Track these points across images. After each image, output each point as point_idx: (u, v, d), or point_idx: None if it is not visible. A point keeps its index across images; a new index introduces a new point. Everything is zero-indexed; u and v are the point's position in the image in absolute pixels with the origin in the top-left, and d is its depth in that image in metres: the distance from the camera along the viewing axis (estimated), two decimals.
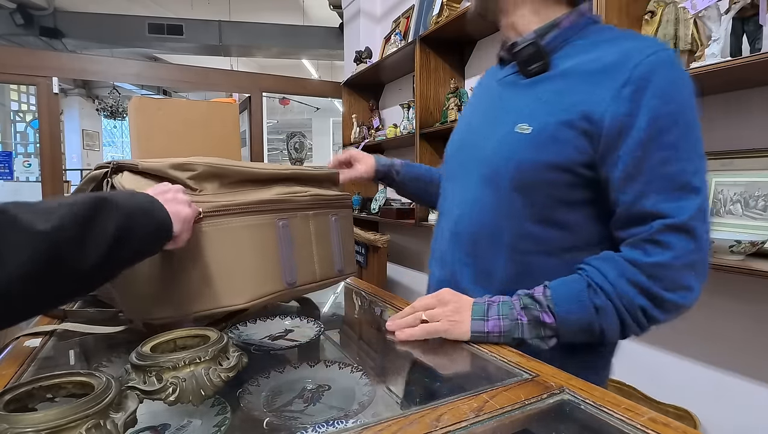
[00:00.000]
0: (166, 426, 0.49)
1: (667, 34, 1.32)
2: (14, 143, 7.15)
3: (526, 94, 0.71)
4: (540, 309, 0.64)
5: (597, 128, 0.62)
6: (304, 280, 0.71)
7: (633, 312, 0.62)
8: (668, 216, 0.60)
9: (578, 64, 0.66)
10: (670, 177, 0.60)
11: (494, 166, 0.70)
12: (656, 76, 0.60)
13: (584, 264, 0.65)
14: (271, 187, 0.69)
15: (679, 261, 0.60)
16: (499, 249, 0.71)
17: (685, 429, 0.41)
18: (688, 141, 0.61)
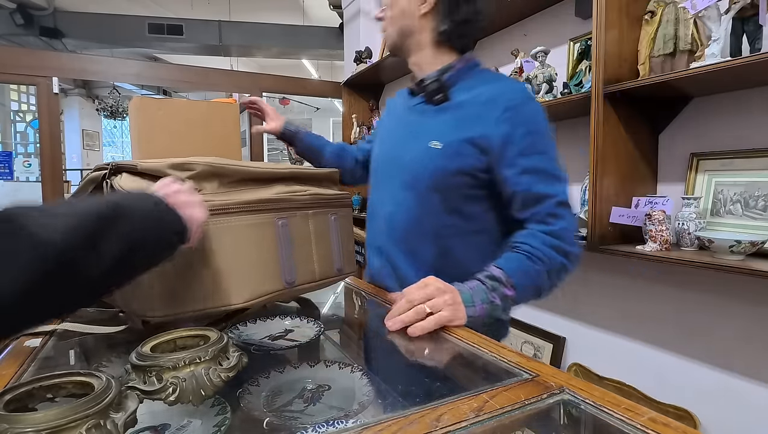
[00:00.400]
0: (166, 426, 0.49)
1: (667, 34, 1.32)
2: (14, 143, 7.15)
3: (433, 118, 0.95)
4: (503, 286, 0.80)
5: (489, 143, 0.87)
6: (303, 280, 0.71)
7: (557, 267, 0.85)
8: (555, 195, 0.86)
9: (470, 97, 0.91)
10: (546, 170, 0.88)
11: (415, 174, 0.93)
12: (523, 106, 0.88)
13: (516, 243, 0.86)
14: (270, 186, 0.69)
15: (570, 224, 0.87)
16: (425, 236, 0.94)
17: (685, 429, 0.41)
18: (550, 148, 0.90)
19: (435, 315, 0.71)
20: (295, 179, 0.75)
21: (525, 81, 1.75)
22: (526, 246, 0.84)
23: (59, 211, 0.40)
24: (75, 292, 0.41)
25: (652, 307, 1.55)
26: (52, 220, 0.38)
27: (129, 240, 0.44)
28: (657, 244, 1.29)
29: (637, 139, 1.47)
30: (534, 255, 0.83)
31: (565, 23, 1.83)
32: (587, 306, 1.79)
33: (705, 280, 1.40)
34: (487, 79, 0.94)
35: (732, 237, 1.16)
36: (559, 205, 0.86)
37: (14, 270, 0.35)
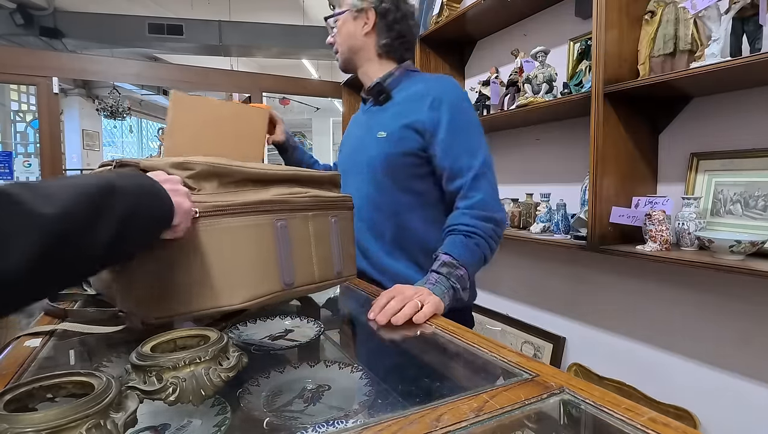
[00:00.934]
0: (166, 426, 0.49)
1: (667, 34, 1.32)
2: (14, 143, 7.15)
3: (380, 115, 1.15)
4: (456, 269, 0.93)
5: (422, 127, 1.05)
6: (302, 281, 0.70)
7: (490, 235, 1.00)
8: (471, 168, 1.01)
9: (407, 94, 1.12)
10: (467, 147, 1.03)
11: (370, 163, 1.11)
12: (448, 95, 1.06)
13: (451, 226, 1.00)
14: (270, 188, 0.69)
15: (488, 194, 1.01)
16: (386, 216, 1.10)
17: (685, 429, 0.41)
18: (472, 128, 1.05)
19: (427, 305, 0.80)
20: (296, 181, 0.75)
21: (525, 81, 1.75)
22: (461, 226, 0.98)
23: (56, 186, 0.40)
24: (76, 266, 0.41)
25: (652, 307, 1.55)
26: (50, 196, 0.38)
27: (125, 213, 0.44)
28: (657, 244, 1.29)
29: (637, 139, 1.47)
30: (469, 232, 0.98)
31: (565, 23, 1.83)
32: (587, 306, 1.79)
33: (705, 280, 1.40)
34: (420, 79, 1.15)
35: (732, 237, 1.16)
36: (475, 179, 1.01)
37: (15, 246, 0.34)
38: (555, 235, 1.68)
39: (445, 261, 0.94)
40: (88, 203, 0.41)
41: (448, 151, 1.03)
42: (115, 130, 10.17)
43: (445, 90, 1.07)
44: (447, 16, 2.17)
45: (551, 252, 1.94)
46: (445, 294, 0.89)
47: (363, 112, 1.24)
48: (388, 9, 1.13)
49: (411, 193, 1.09)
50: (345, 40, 1.17)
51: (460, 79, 2.46)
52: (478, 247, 0.98)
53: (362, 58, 1.17)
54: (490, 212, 1.00)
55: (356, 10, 1.14)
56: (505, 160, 2.18)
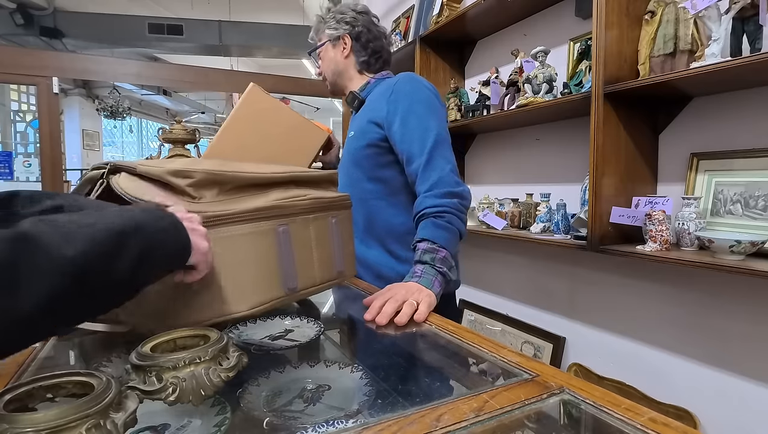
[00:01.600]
0: (166, 426, 0.49)
1: (667, 34, 1.32)
2: (14, 143, 7.15)
3: (357, 119, 1.29)
4: (435, 253, 0.96)
5: (381, 120, 1.15)
6: (304, 285, 0.71)
7: (458, 208, 1.02)
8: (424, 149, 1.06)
9: (374, 95, 1.25)
10: (419, 130, 1.09)
11: (345, 158, 1.27)
12: (404, 85, 1.16)
13: (419, 212, 1.04)
14: (269, 193, 0.69)
15: (444, 171, 1.05)
16: (357, 205, 1.06)
17: (685, 429, 0.41)
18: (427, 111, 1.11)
19: (421, 303, 0.82)
20: (295, 183, 0.75)
21: (525, 81, 1.75)
22: (427, 210, 1.02)
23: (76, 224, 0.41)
24: (91, 306, 0.42)
25: (652, 307, 1.55)
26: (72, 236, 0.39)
27: (143, 251, 0.44)
28: (657, 244, 1.29)
29: (637, 139, 1.47)
30: (437, 213, 1.01)
31: (565, 23, 1.83)
32: (587, 306, 1.79)
33: (705, 280, 1.40)
34: (389, 81, 1.24)
35: (732, 237, 1.16)
36: (430, 159, 1.06)
37: (33, 288, 0.35)
38: (555, 235, 1.68)
39: (424, 248, 0.97)
40: (109, 243, 0.41)
41: (403, 136, 1.10)
42: (115, 130, 10.17)
43: (401, 82, 1.16)
44: (447, 16, 2.17)
45: (551, 252, 1.94)
46: (434, 281, 0.91)
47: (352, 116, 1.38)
48: (360, 32, 1.29)
49: (377, 182, 1.18)
50: (328, 66, 1.32)
51: (460, 79, 2.46)
52: (451, 225, 1.01)
53: (345, 78, 1.32)
54: (450, 187, 1.04)
55: (334, 39, 1.29)
56: (505, 160, 2.18)
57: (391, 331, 0.77)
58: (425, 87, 1.17)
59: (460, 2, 2.24)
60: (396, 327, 0.77)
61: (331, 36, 1.30)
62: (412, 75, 1.21)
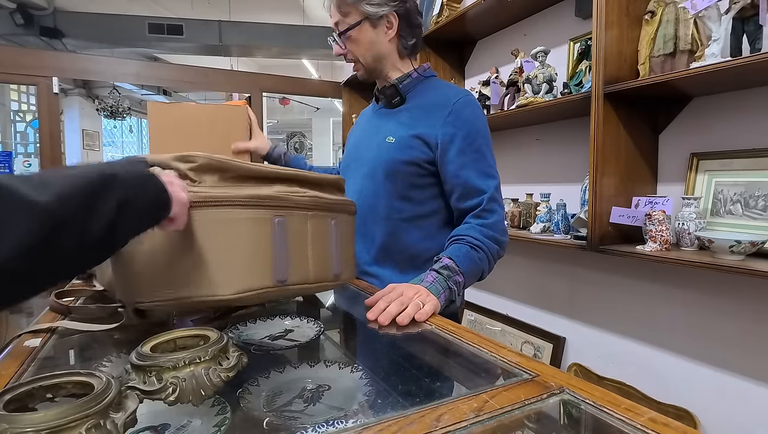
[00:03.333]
0: (166, 426, 0.49)
1: (667, 34, 1.32)
2: (14, 143, 7.15)
3: (391, 118, 1.13)
4: (455, 274, 0.94)
5: (434, 140, 1.04)
6: (296, 280, 0.70)
7: (494, 255, 1.02)
8: (487, 190, 1.02)
9: (421, 101, 1.10)
10: (482, 168, 1.03)
11: (372, 164, 1.10)
12: (464, 110, 1.04)
13: (460, 235, 1.01)
14: (270, 185, 0.69)
15: (500, 217, 1.04)
16: (378, 220, 1.08)
17: (685, 429, 0.41)
18: (486, 149, 1.05)
19: (427, 304, 0.82)
20: (297, 181, 0.75)
21: (525, 81, 1.75)
22: (469, 238, 0.99)
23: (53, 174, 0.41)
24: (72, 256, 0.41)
25: (652, 307, 1.55)
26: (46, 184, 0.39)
27: (123, 200, 0.44)
28: (657, 244, 1.29)
29: (637, 139, 1.47)
30: (476, 246, 0.99)
31: (565, 23, 1.84)
32: (587, 306, 1.79)
33: (705, 280, 1.40)
34: (437, 86, 1.13)
35: (732, 237, 1.16)
36: (491, 201, 1.02)
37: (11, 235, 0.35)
38: (555, 235, 1.68)
39: (447, 264, 0.95)
40: (85, 189, 0.41)
41: (462, 169, 1.02)
42: (115, 130, 10.17)
43: (461, 104, 1.04)
44: (447, 16, 2.17)
45: (551, 253, 1.94)
46: (441, 294, 0.89)
47: (374, 111, 1.21)
48: (410, 9, 1.09)
49: (407, 201, 1.08)
50: (368, 49, 1.09)
51: (460, 79, 2.46)
52: (480, 262, 0.99)
53: (389, 64, 1.12)
54: (500, 235, 1.03)
55: (376, 17, 1.06)
56: (505, 160, 2.18)
57: (392, 331, 0.77)
58: (483, 115, 1.09)
59: (460, 2, 2.24)
60: (397, 327, 0.77)
61: (373, 14, 1.06)
62: (469, 96, 1.08)
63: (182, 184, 0.57)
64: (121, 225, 0.45)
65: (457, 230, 1.03)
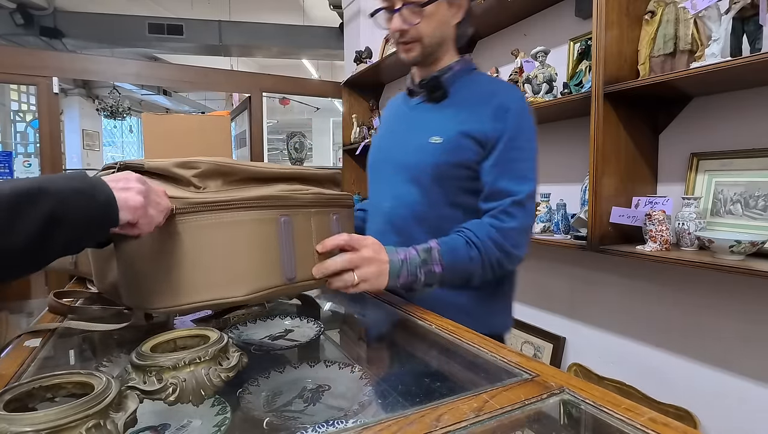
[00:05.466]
0: (166, 426, 0.49)
1: (667, 34, 1.32)
2: (14, 143, 7.15)
3: (433, 114, 1.00)
4: (433, 263, 0.84)
5: (485, 137, 0.91)
6: (303, 277, 0.71)
7: (492, 261, 0.88)
8: (514, 194, 0.89)
9: (467, 95, 0.98)
10: (516, 170, 0.91)
11: (417, 169, 0.97)
12: (513, 106, 0.92)
13: (464, 228, 0.90)
14: (273, 185, 0.70)
15: (521, 225, 0.90)
16: (425, 229, 0.95)
17: (685, 429, 0.41)
18: (529, 148, 0.93)
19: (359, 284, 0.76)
20: (298, 179, 0.75)
21: (525, 81, 1.75)
22: (468, 233, 0.89)
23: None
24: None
25: (652, 307, 1.55)
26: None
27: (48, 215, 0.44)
28: (657, 244, 1.29)
29: (637, 139, 1.47)
30: (472, 243, 0.87)
31: (565, 23, 1.83)
32: (587, 306, 1.79)
33: (705, 280, 1.40)
34: (482, 79, 1.02)
35: (732, 237, 1.16)
36: (514, 204, 0.90)
37: None
38: (555, 235, 1.68)
39: (431, 246, 0.85)
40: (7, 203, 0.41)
41: (495, 167, 0.91)
42: (115, 130, 10.17)
43: (513, 99, 0.94)
44: None
45: (551, 252, 1.94)
46: (403, 275, 0.81)
47: (409, 107, 1.07)
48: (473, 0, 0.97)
49: (458, 208, 0.96)
50: (435, 29, 0.96)
51: None
52: (471, 263, 0.87)
53: (444, 50, 1.00)
54: (511, 245, 0.89)
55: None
56: None
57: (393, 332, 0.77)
58: (532, 112, 0.96)
59: None
60: (397, 326, 0.77)
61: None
62: (519, 91, 1.00)
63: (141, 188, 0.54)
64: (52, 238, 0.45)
65: (467, 222, 0.92)
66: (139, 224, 0.53)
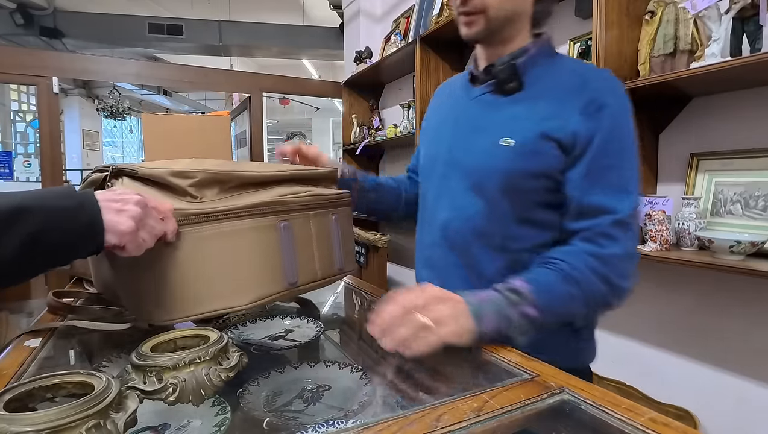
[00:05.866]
0: (166, 426, 0.49)
1: (667, 34, 1.32)
2: (14, 143, 7.15)
3: (504, 111, 0.80)
4: (525, 304, 0.66)
5: (571, 139, 0.73)
6: (305, 280, 0.71)
7: (596, 298, 0.71)
8: (613, 211, 0.71)
9: (548, 85, 0.78)
10: (614, 179, 0.73)
11: (481, 176, 0.79)
12: (610, 99, 0.74)
13: (554, 258, 0.72)
14: (270, 189, 0.69)
15: (625, 250, 0.73)
16: (491, 250, 0.79)
17: (685, 429, 0.41)
18: (630, 153, 0.75)
19: (435, 330, 0.59)
20: (295, 180, 0.75)
21: None
22: (562, 264, 0.70)
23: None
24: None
25: (652, 307, 1.55)
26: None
27: (34, 234, 0.44)
28: (657, 244, 1.29)
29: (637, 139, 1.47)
30: (571, 276, 0.69)
31: (565, 23, 1.83)
32: None
33: (705, 280, 1.40)
34: (568, 65, 0.80)
35: (732, 237, 1.16)
36: (616, 225, 0.71)
37: None
38: None
39: (515, 287, 0.67)
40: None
41: (586, 177, 0.73)
42: (115, 130, 10.17)
43: (609, 91, 0.75)
44: (447, 16, 2.17)
45: None
46: (487, 316, 0.63)
47: (471, 98, 0.87)
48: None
49: (530, 226, 0.78)
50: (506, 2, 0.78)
51: None
52: (572, 301, 0.70)
53: (517, 28, 0.81)
54: (616, 276, 0.72)
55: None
56: None
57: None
58: (630, 108, 0.77)
59: None
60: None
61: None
62: (615, 78, 0.79)
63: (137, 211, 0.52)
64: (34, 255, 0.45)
65: (555, 250, 0.74)
66: (127, 248, 0.52)
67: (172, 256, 0.58)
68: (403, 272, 3.10)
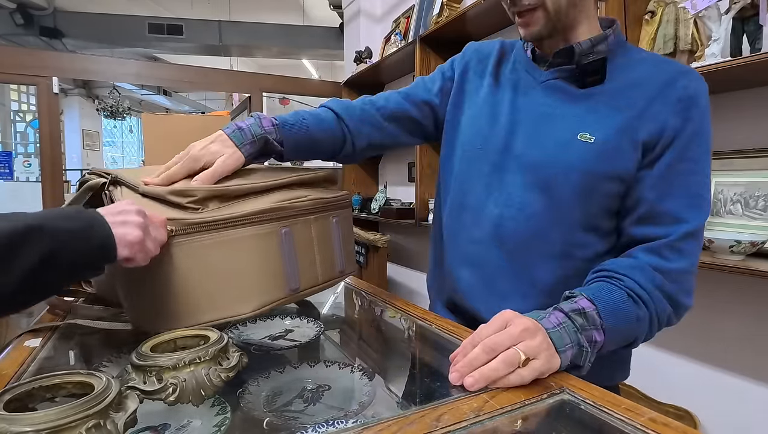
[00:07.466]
0: (166, 426, 0.49)
1: (667, 34, 1.32)
2: (14, 143, 7.15)
3: (580, 102, 0.71)
4: (593, 328, 0.59)
5: (655, 138, 0.67)
6: (306, 285, 0.71)
7: (660, 319, 0.65)
8: (686, 222, 0.65)
9: (631, 79, 0.70)
10: (691, 186, 0.68)
11: (552, 172, 0.70)
12: (700, 99, 0.70)
13: (618, 274, 0.64)
14: (271, 195, 0.69)
15: (692, 267, 0.66)
16: (550, 256, 0.71)
17: (685, 429, 0.41)
18: (707, 157, 0.72)
19: (529, 364, 0.51)
20: (296, 185, 0.75)
21: None
22: (630, 282, 0.63)
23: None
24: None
25: None
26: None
27: (41, 256, 0.44)
28: None
29: None
30: (639, 297, 0.62)
31: None
32: None
33: (705, 280, 1.40)
34: (647, 58, 0.73)
35: (732, 237, 1.16)
36: (686, 237, 0.65)
37: None
38: None
39: (584, 309, 0.59)
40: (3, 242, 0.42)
41: (661, 179, 0.67)
42: (115, 130, 10.18)
43: (699, 91, 0.70)
44: (447, 16, 2.17)
45: None
46: (568, 349, 0.55)
47: (539, 82, 0.75)
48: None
49: (595, 233, 0.71)
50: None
51: None
52: (638, 324, 0.63)
53: (581, 15, 0.71)
54: (682, 294, 0.65)
55: None
56: None
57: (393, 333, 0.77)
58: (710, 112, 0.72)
59: (460, 2, 2.24)
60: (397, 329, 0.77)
61: None
62: (704, 80, 0.73)
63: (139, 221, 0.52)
64: (45, 278, 0.45)
65: (617, 264, 0.66)
66: (136, 258, 0.53)
67: (174, 266, 0.58)
68: (403, 272, 3.10)
